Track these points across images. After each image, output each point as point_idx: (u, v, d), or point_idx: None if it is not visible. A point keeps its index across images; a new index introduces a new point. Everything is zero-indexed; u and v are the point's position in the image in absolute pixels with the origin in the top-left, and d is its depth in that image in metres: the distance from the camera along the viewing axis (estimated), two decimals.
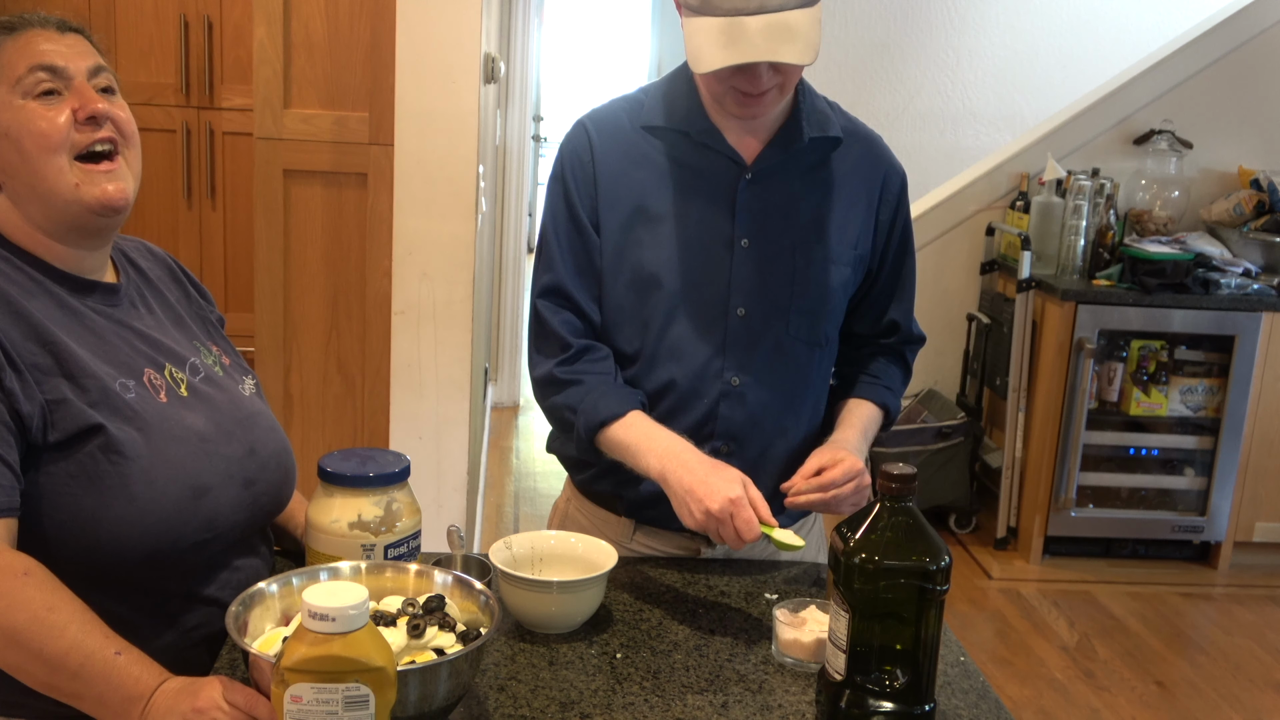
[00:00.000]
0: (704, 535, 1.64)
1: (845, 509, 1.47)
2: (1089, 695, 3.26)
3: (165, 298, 1.42)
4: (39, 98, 1.25)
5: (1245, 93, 4.36)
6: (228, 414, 1.36)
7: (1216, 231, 4.33)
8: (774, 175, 1.57)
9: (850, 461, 1.50)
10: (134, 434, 1.23)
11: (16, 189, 1.26)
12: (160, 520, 1.24)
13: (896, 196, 1.65)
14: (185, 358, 1.37)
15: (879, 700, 1.21)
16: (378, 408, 2.75)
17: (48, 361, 1.21)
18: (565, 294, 1.58)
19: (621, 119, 1.60)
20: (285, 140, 2.60)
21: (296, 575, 1.24)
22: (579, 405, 1.54)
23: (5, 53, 1.27)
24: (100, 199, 1.27)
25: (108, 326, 1.30)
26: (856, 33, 5.42)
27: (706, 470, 1.43)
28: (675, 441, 1.48)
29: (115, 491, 1.21)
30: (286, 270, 2.67)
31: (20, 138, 1.25)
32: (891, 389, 1.71)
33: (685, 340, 1.57)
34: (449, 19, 2.54)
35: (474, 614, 1.23)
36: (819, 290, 1.59)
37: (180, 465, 1.26)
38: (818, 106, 1.61)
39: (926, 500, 4.18)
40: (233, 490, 1.32)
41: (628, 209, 1.57)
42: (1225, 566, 4.17)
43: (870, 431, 1.65)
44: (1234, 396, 4.03)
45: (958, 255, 4.56)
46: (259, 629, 1.18)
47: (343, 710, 0.94)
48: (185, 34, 3.31)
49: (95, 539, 1.21)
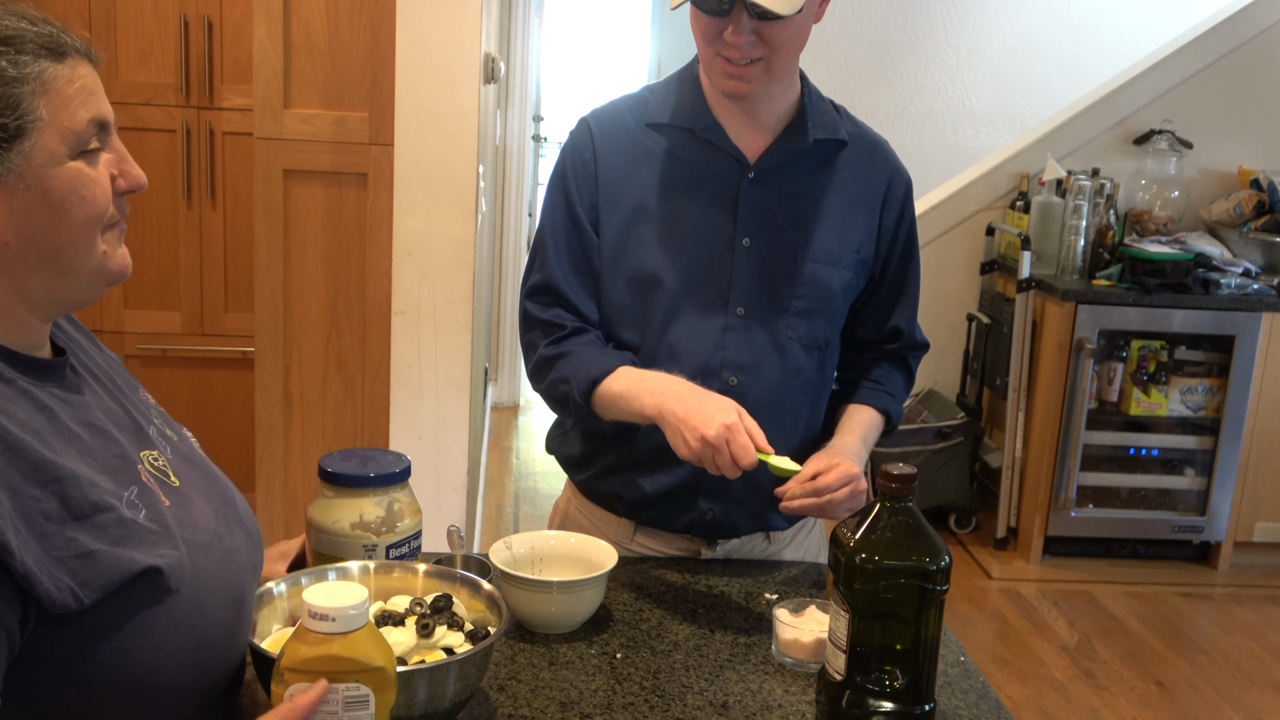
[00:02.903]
0: (703, 535, 1.64)
1: (840, 514, 1.46)
2: (1089, 695, 3.26)
3: (89, 353, 1.17)
4: (85, 155, 1.02)
5: (1245, 93, 4.37)
6: (212, 493, 1.15)
7: (1216, 231, 4.33)
8: (777, 175, 1.57)
9: (845, 466, 1.48)
10: (174, 559, 1.01)
11: (27, 256, 1.01)
12: (216, 653, 1.05)
13: (901, 201, 1.65)
14: (146, 430, 1.13)
15: (879, 700, 1.21)
16: (378, 408, 2.75)
17: (54, 506, 0.95)
18: (556, 291, 1.58)
19: (625, 117, 1.60)
20: (285, 140, 2.60)
21: (305, 575, 1.25)
22: (570, 374, 1.53)
23: (59, 87, 1.00)
24: (122, 268, 1.09)
25: (80, 421, 1.04)
26: (856, 32, 5.42)
27: (700, 399, 1.42)
28: (666, 379, 1.48)
29: (167, 634, 0.99)
30: (286, 270, 2.67)
31: (68, 205, 1.01)
32: (894, 395, 1.70)
33: (684, 339, 1.56)
34: (449, 19, 2.54)
35: (481, 613, 1.23)
36: (819, 292, 1.59)
37: (217, 579, 1.06)
38: (824, 108, 1.62)
39: (926, 500, 4.18)
40: (252, 585, 1.14)
41: (629, 207, 1.57)
42: (1225, 566, 4.17)
43: (870, 438, 1.65)
44: (1234, 396, 4.03)
45: (958, 255, 4.56)
46: (266, 629, 1.19)
47: (343, 710, 0.94)
48: (185, 34, 3.31)
49: (152, 691, 0.99)
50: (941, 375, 4.64)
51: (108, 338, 3.46)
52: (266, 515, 2.80)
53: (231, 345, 3.53)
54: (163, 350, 3.52)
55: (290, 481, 2.78)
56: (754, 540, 1.69)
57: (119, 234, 1.08)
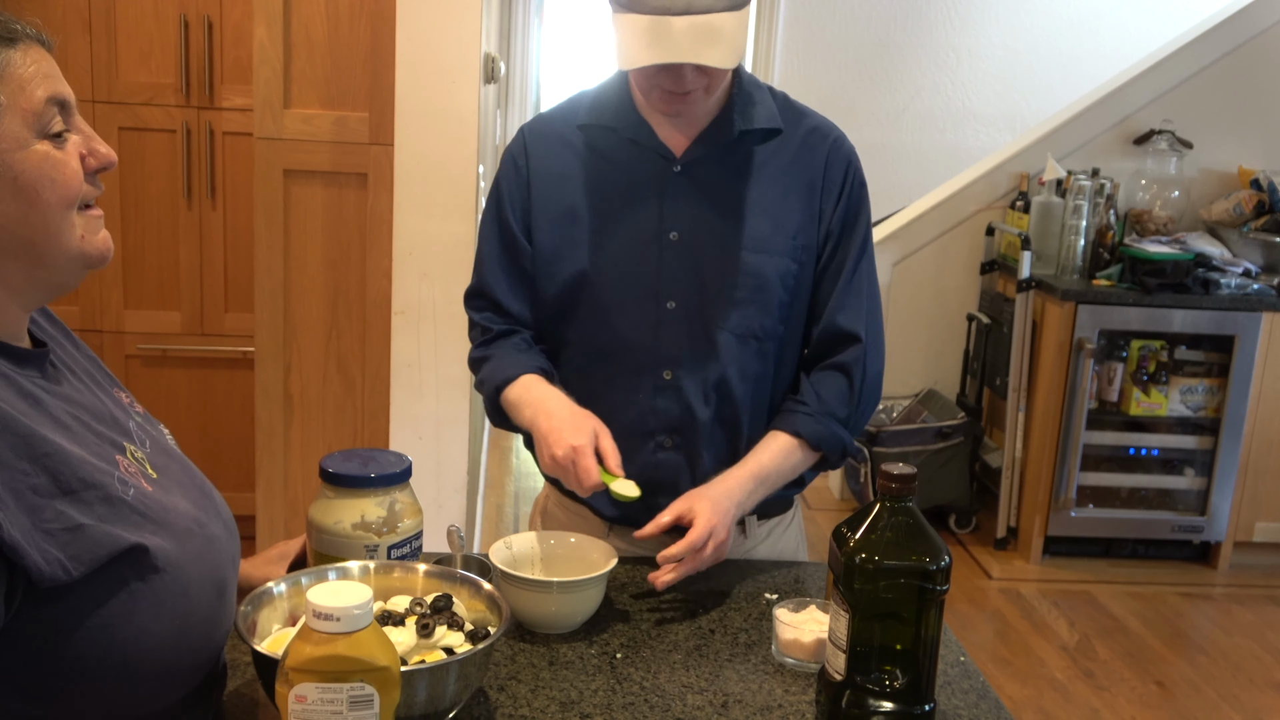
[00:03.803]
0: (671, 535, 1.63)
1: (702, 568, 1.49)
2: (1089, 695, 3.26)
3: (67, 349, 1.17)
4: (51, 138, 1.03)
5: (1245, 93, 4.37)
6: (191, 486, 1.16)
7: (1216, 231, 4.33)
8: (703, 167, 1.58)
9: (705, 520, 1.47)
10: (159, 540, 1.03)
11: (2, 244, 1.02)
12: (200, 636, 1.06)
13: (840, 185, 1.60)
14: (126, 426, 1.14)
15: (879, 700, 1.21)
16: (378, 408, 2.75)
17: (44, 481, 0.96)
18: (487, 295, 1.65)
19: (556, 123, 1.64)
20: (285, 140, 2.61)
21: (305, 575, 1.25)
22: (486, 377, 1.61)
23: (13, 70, 1.01)
24: (102, 250, 1.09)
25: (63, 409, 1.05)
26: (856, 32, 5.42)
27: (563, 418, 1.48)
28: (549, 393, 1.53)
29: (152, 613, 1.01)
30: (286, 270, 2.67)
31: (39, 188, 1.02)
32: (812, 414, 1.60)
33: (619, 336, 1.59)
34: (449, 19, 2.54)
35: (481, 613, 1.23)
36: (753, 281, 1.57)
37: (200, 563, 1.07)
38: (755, 98, 1.60)
39: (926, 500, 4.18)
40: (233, 576, 1.16)
41: (561, 210, 1.60)
42: (1225, 566, 4.17)
43: (774, 468, 1.57)
44: (1234, 396, 4.03)
45: (958, 255, 4.56)
46: (267, 629, 1.19)
47: (347, 710, 0.94)
48: (185, 34, 3.31)
49: (136, 672, 1.00)
50: (941, 375, 4.64)
51: (108, 338, 3.46)
52: (267, 515, 2.80)
53: (231, 345, 3.53)
54: (163, 350, 3.52)
55: (290, 481, 2.78)
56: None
57: (97, 216, 1.09)
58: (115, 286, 3.47)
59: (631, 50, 1.43)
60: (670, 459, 1.61)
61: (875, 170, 5.43)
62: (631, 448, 1.59)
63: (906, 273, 4.58)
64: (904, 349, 4.58)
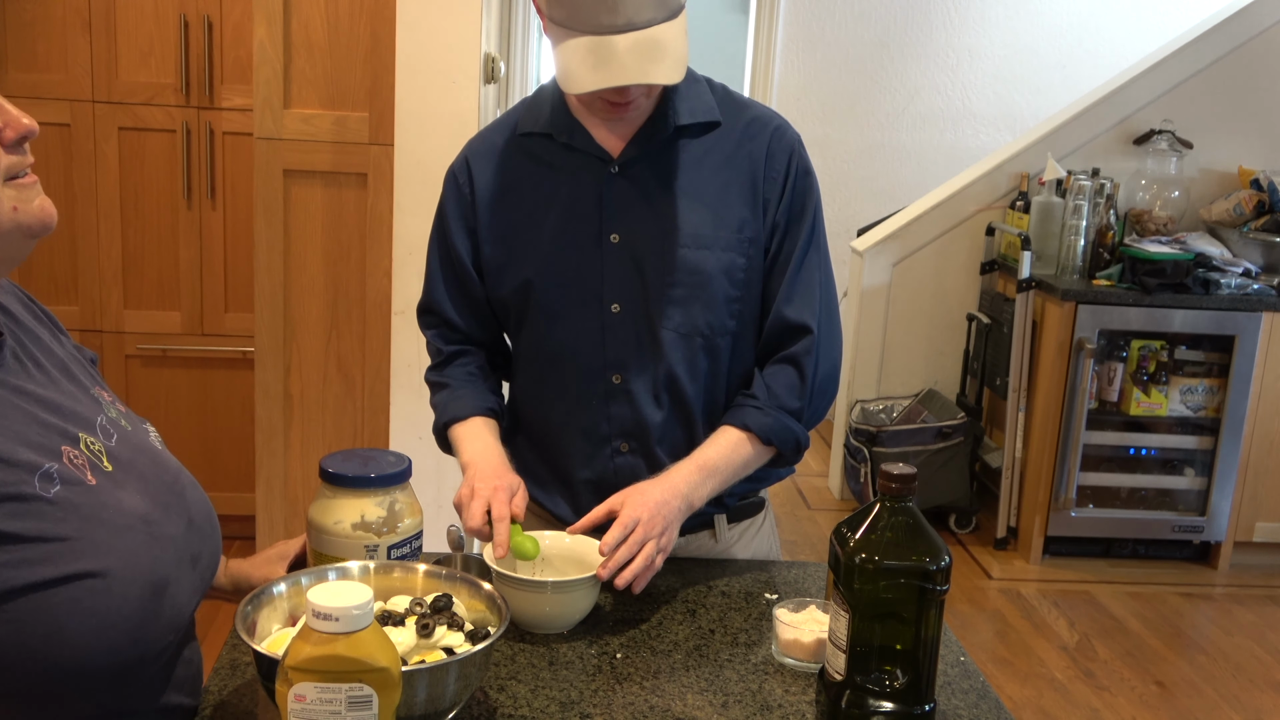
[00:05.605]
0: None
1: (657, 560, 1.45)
2: (1089, 695, 3.26)
3: (43, 343, 1.17)
4: None
5: (1245, 93, 4.37)
6: (156, 481, 1.15)
7: (1216, 231, 4.34)
8: (640, 166, 1.56)
9: (627, 513, 1.43)
10: (74, 545, 1.01)
11: None
12: (126, 633, 1.03)
13: (782, 175, 1.57)
14: (91, 419, 1.12)
15: (879, 700, 1.21)
16: (378, 408, 2.75)
17: None
18: (435, 311, 1.68)
19: (495, 136, 1.65)
20: (285, 140, 2.61)
21: (305, 575, 1.25)
22: (437, 405, 1.67)
23: None
24: (41, 218, 1.07)
25: (3, 397, 1.04)
26: (856, 31, 5.42)
27: (483, 472, 1.52)
28: (487, 447, 1.58)
29: (67, 609, 0.99)
30: (286, 270, 2.67)
31: None
32: (760, 407, 1.57)
33: (567, 342, 1.58)
34: (449, 19, 2.54)
35: (481, 613, 1.23)
36: (694, 278, 1.55)
37: (134, 561, 1.05)
38: (695, 92, 1.58)
39: (926, 500, 4.18)
40: (185, 574, 1.12)
41: (506, 223, 1.60)
42: (1225, 566, 4.18)
43: (722, 461, 1.54)
44: (1234, 396, 4.03)
45: (958, 255, 4.56)
46: (266, 629, 1.19)
47: (346, 710, 0.94)
48: (185, 34, 3.31)
49: (52, 667, 0.98)
50: (941, 375, 4.64)
51: (108, 338, 3.46)
52: (266, 515, 2.80)
53: (231, 345, 3.53)
54: (163, 350, 3.52)
55: (290, 481, 2.78)
56: (700, 539, 1.67)
57: (30, 184, 1.07)
58: (115, 286, 3.47)
59: (576, 74, 1.40)
60: (628, 463, 1.59)
61: (875, 170, 5.47)
62: (589, 454, 1.60)
63: (906, 273, 4.58)
64: (904, 349, 4.58)
